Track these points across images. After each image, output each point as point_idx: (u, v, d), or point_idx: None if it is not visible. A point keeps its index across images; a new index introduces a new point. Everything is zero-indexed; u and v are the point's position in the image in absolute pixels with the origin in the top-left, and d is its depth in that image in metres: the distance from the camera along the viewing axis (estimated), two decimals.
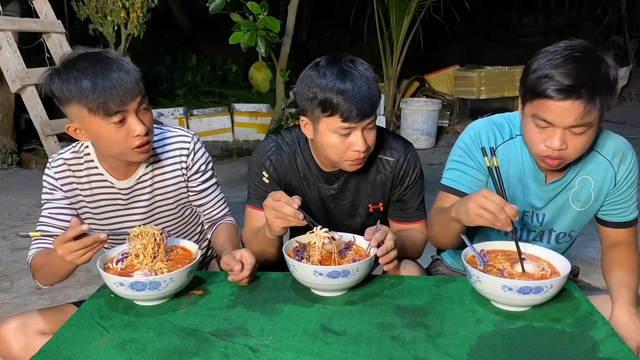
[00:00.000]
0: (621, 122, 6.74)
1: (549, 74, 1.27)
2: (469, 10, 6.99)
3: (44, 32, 4.64)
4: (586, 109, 1.25)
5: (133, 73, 1.42)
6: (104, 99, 1.37)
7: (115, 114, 1.39)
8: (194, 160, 1.63)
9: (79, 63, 1.39)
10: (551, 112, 1.29)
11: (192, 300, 1.31)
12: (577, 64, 1.26)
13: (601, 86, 1.25)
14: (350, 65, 1.44)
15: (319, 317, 1.24)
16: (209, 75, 8.04)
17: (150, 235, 1.35)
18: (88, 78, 1.36)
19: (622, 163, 1.49)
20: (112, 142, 1.44)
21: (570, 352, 1.09)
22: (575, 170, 1.50)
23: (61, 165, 1.59)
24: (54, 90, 1.40)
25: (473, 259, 1.36)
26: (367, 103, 1.42)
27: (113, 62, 1.41)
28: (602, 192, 1.52)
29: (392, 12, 6.12)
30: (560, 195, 1.53)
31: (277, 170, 1.63)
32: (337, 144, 1.47)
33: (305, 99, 1.46)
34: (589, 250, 3.12)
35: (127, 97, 1.39)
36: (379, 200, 1.66)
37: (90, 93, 1.36)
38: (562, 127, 1.30)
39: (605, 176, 1.50)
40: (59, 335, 1.17)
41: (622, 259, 1.52)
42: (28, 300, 2.73)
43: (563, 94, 1.25)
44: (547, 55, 1.30)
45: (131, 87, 1.39)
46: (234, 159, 5.70)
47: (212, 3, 4.57)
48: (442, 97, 7.10)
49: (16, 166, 5.42)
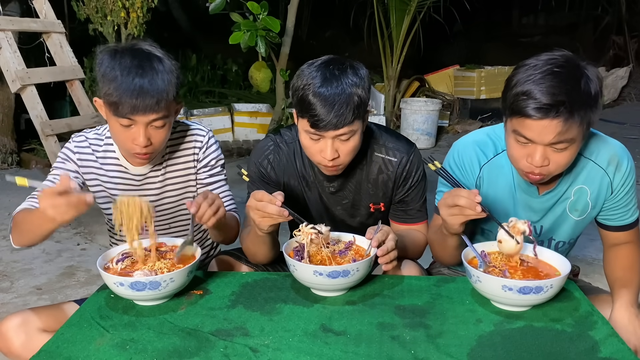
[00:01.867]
0: (621, 122, 6.74)
1: (527, 90, 1.24)
2: (469, 10, 6.98)
3: (44, 32, 4.63)
4: (565, 126, 1.23)
5: (163, 90, 1.41)
6: (119, 101, 1.39)
7: (124, 118, 1.41)
8: (205, 154, 1.67)
9: (128, 55, 1.42)
10: (530, 130, 1.27)
11: (192, 300, 1.31)
12: (557, 80, 1.23)
13: (581, 102, 1.23)
14: (335, 74, 1.40)
15: (319, 317, 1.24)
16: (209, 75, 8.03)
17: (137, 205, 1.32)
18: (120, 74, 1.39)
19: (617, 171, 1.46)
20: (117, 137, 1.50)
21: (570, 352, 1.09)
22: (568, 180, 1.47)
23: (83, 141, 1.63)
24: (98, 63, 1.43)
25: (473, 260, 1.36)
26: (337, 115, 1.37)
27: (153, 69, 1.41)
28: (599, 200, 1.49)
29: (392, 12, 6.11)
30: (556, 206, 1.51)
31: (275, 170, 1.63)
32: (309, 146, 1.47)
33: (292, 93, 1.47)
34: (589, 250, 3.12)
35: (140, 110, 1.40)
36: (380, 200, 1.66)
37: (113, 89, 1.39)
38: (542, 144, 1.28)
39: (601, 184, 1.47)
40: (59, 335, 1.17)
41: (623, 257, 1.51)
42: (28, 300, 2.73)
43: (541, 112, 1.23)
44: (527, 69, 1.27)
45: (149, 102, 1.40)
46: (234, 159, 5.70)
47: (212, 3, 4.57)
48: (442, 97, 7.09)
49: (16, 166, 5.42)
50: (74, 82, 4.66)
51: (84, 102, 4.68)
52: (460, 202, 1.27)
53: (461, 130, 6.75)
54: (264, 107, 6.32)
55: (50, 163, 4.45)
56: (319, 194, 1.66)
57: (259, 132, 6.18)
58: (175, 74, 1.46)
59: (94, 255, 3.20)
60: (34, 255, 3.28)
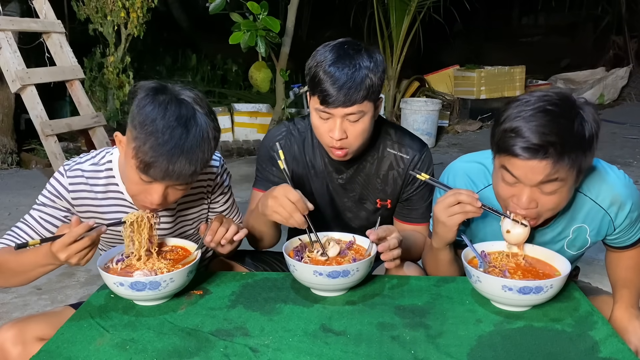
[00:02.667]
0: (621, 122, 6.74)
1: (516, 127, 1.18)
2: (469, 10, 6.98)
3: (44, 32, 4.64)
4: (554, 168, 1.17)
5: (200, 163, 1.29)
6: (150, 162, 1.25)
7: (148, 177, 1.28)
8: (218, 184, 1.60)
9: (172, 111, 1.26)
10: (517, 169, 1.21)
11: (192, 300, 1.31)
12: (548, 118, 1.16)
13: (572, 144, 1.16)
14: (350, 52, 1.42)
15: (319, 317, 1.24)
16: (209, 75, 8.03)
17: (146, 221, 1.34)
18: (158, 133, 1.24)
19: (620, 211, 1.37)
20: (131, 184, 1.35)
21: (570, 352, 1.09)
22: (565, 219, 1.40)
23: (78, 177, 1.45)
24: (135, 105, 1.28)
25: (473, 260, 1.36)
26: (347, 92, 1.38)
27: (195, 140, 1.27)
28: (599, 235, 1.43)
29: (392, 12, 6.12)
30: (553, 243, 1.44)
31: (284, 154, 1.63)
32: (318, 125, 1.48)
33: (307, 72, 1.48)
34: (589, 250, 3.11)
35: (167, 178, 1.28)
36: (387, 197, 1.66)
37: (147, 148, 1.24)
38: (529, 185, 1.22)
39: (602, 223, 1.40)
40: (59, 335, 1.17)
41: (628, 257, 1.50)
42: (28, 300, 2.73)
43: (529, 152, 1.16)
44: (518, 105, 1.21)
45: (180, 175, 1.27)
46: (234, 159, 5.70)
47: (212, 3, 4.57)
48: (442, 97, 7.09)
49: (16, 166, 5.42)
50: (74, 82, 4.67)
51: (84, 102, 4.68)
52: (460, 198, 1.29)
53: (461, 130, 6.75)
54: (264, 107, 6.32)
55: (50, 163, 4.46)
56: (326, 185, 1.66)
57: (259, 132, 6.18)
58: (214, 143, 1.35)
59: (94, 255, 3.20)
60: None
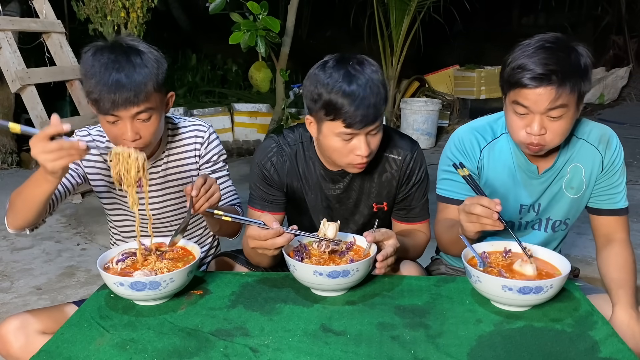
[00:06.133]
0: (621, 122, 6.73)
1: (522, 64, 1.37)
2: (469, 10, 6.98)
3: (44, 32, 4.64)
4: (558, 93, 1.34)
5: (141, 83, 1.39)
6: (99, 97, 1.38)
7: (108, 114, 1.41)
8: (207, 149, 1.67)
9: (106, 52, 1.41)
10: (527, 98, 1.37)
11: (192, 300, 1.31)
12: (548, 52, 1.36)
13: (571, 72, 1.35)
14: (357, 68, 1.40)
15: (319, 317, 1.24)
16: (209, 75, 8.03)
17: (133, 156, 1.33)
18: (98, 71, 1.38)
19: (607, 149, 1.56)
20: (108, 134, 1.49)
21: (570, 352, 1.09)
22: (564, 158, 1.56)
23: (86, 135, 1.63)
24: (82, 63, 1.43)
25: (473, 260, 1.36)
26: (371, 109, 1.38)
27: (130, 62, 1.39)
28: (592, 178, 1.57)
29: (392, 12, 6.11)
30: (553, 184, 1.58)
31: (278, 172, 1.62)
32: (340, 147, 1.45)
33: (310, 99, 1.44)
34: (589, 250, 3.12)
35: (120, 104, 1.38)
36: (383, 200, 1.65)
37: (92, 86, 1.39)
38: (539, 112, 1.38)
39: (593, 162, 1.56)
40: (59, 335, 1.17)
41: (615, 256, 1.54)
42: (28, 300, 2.73)
43: (536, 81, 1.35)
44: (521, 47, 1.40)
45: (128, 96, 1.38)
46: (234, 159, 5.70)
47: (212, 3, 4.57)
48: (442, 97, 7.09)
49: (16, 166, 5.42)
50: (73, 82, 4.67)
51: (84, 102, 4.68)
52: (476, 211, 1.29)
53: None
54: (264, 107, 6.32)
55: None
56: (322, 196, 1.66)
57: (259, 132, 6.18)
58: (156, 65, 1.44)
59: (94, 255, 3.20)
60: (34, 255, 3.28)
